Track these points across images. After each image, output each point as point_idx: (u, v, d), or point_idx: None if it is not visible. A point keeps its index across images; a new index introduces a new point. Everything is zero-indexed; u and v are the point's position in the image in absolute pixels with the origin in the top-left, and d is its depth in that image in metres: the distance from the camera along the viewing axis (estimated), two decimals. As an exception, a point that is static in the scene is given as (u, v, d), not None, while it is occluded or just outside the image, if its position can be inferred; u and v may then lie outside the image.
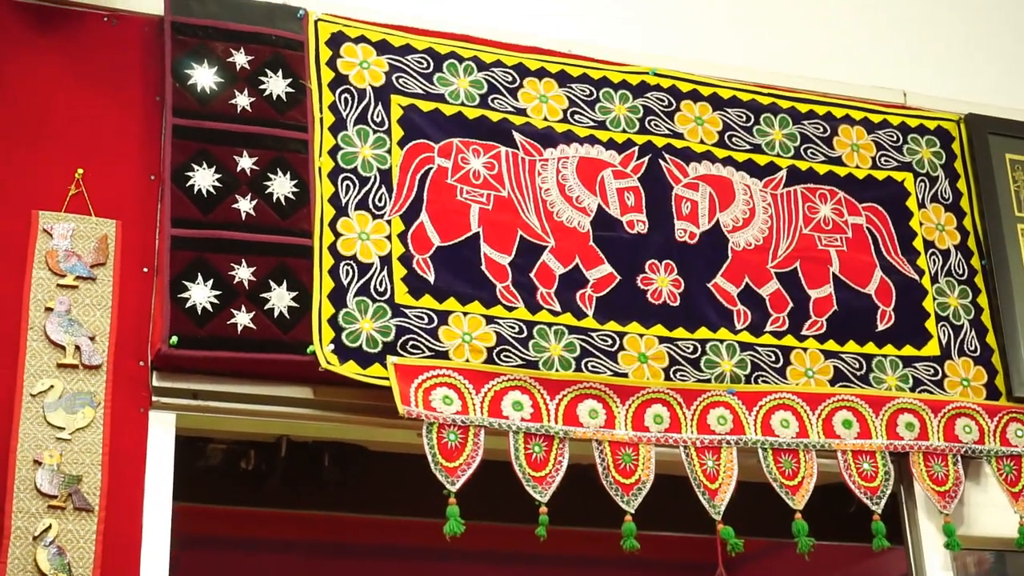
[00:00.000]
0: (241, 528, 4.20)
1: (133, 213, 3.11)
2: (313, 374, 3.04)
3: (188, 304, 2.99)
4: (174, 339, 2.94)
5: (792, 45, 3.97)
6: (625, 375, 3.26)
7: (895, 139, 3.83)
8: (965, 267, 3.75)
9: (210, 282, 3.02)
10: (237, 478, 3.65)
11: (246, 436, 3.60)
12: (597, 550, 4.32)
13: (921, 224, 3.75)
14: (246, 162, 3.16)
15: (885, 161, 3.79)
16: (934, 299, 3.67)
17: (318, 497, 3.75)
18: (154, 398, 2.98)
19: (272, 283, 3.07)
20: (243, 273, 3.06)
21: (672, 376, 3.30)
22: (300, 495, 3.73)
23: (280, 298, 3.06)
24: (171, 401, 3.00)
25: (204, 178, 3.12)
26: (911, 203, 3.77)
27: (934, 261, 3.72)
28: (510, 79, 3.50)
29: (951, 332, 3.64)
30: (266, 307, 3.04)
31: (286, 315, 3.05)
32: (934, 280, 3.69)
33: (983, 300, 3.73)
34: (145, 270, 3.07)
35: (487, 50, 3.51)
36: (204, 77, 3.21)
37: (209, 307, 3.00)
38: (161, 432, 2.98)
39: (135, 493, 2.90)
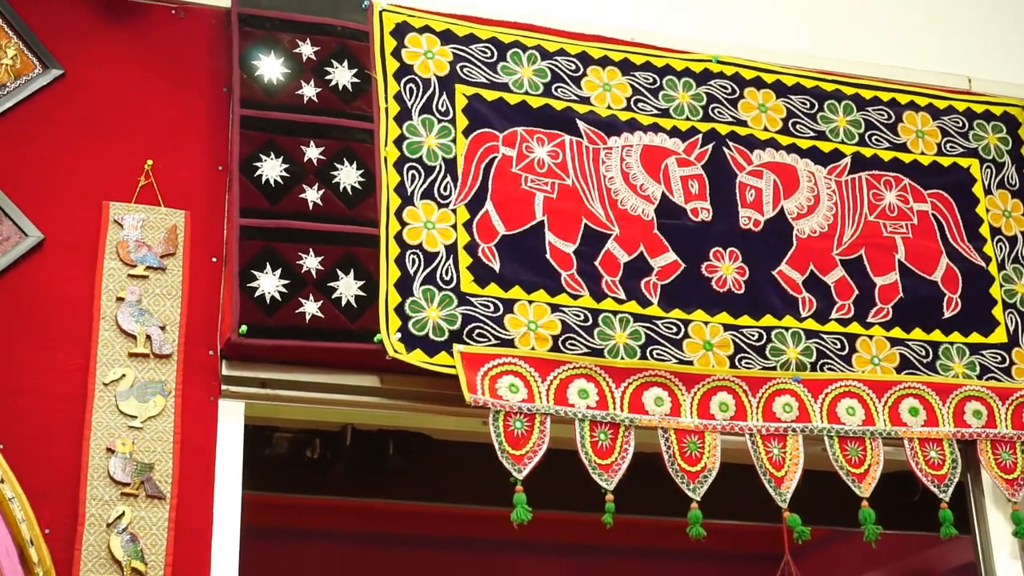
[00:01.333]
0: (306, 518, 4.22)
1: (202, 204, 3.13)
2: (380, 362, 3.05)
3: (257, 293, 3.00)
4: (244, 328, 2.96)
5: (855, 31, 3.94)
6: (690, 363, 3.25)
7: (960, 125, 3.80)
8: (1033, 253, 3.71)
9: (278, 271, 3.03)
10: (303, 466, 3.65)
11: (312, 425, 3.60)
12: (663, 540, 4.32)
13: (987, 211, 3.71)
14: (313, 152, 3.18)
15: (950, 147, 3.76)
16: (1001, 286, 3.63)
17: (382, 485, 3.75)
18: (223, 387, 3.00)
19: (339, 272, 3.08)
20: (311, 262, 3.07)
21: (737, 364, 3.29)
22: (364, 484, 3.72)
23: (347, 287, 3.07)
24: (240, 390, 3.02)
25: (272, 168, 3.13)
26: (977, 189, 3.73)
27: (1001, 248, 3.68)
28: (573, 68, 3.49)
29: (1019, 319, 3.61)
30: (333, 296, 3.05)
31: (353, 304, 3.06)
32: (1001, 267, 3.66)
33: (1051, 286, 3.69)
34: (214, 260, 3.08)
35: (550, 39, 3.50)
36: (271, 68, 3.23)
37: (278, 296, 3.01)
38: (231, 420, 3.00)
39: (206, 481, 2.92)
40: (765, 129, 3.60)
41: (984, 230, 3.69)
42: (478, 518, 4.15)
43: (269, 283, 3.02)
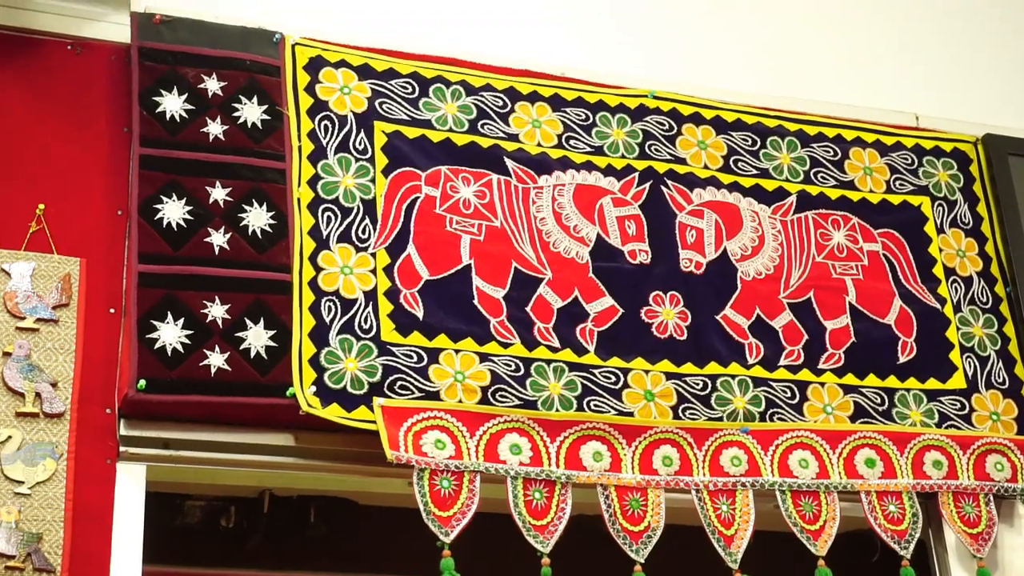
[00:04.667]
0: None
1: (99, 250, 2.96)
2: (294, 419, 2.87)
3: (157, 345, 2.82)
4: (142, 383, 2.78)
5: (796, 66, 3.84)
6: (631, 414, 3.08)
7: (909, 162, 3.69)
8: (989, 295, 3.59)
9: (181, 321, 2.86)
10: (217, 536, 3.46)
11: (226, 491, 3.43)
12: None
13: (941, 250, 3.60)
14: (219, 193, 3.02)
15: (900, 185, 3.65)
16: (958, 329, 3.50)
17: (304, 556, 3.59)
18: (122, 448, 2.82)
19: (248, 321, 2.91)
20: (217, 311, 2.90)
21: (681, 415, 3.13)
22: (285, 554, 3.56)
23: (257, 337, 2.90)
24: (140, 451, 2.83)
25: (174, 211, 2.97)
26: (929, 228, 3.62)
27: (956, 289, 3.55)
28: (501, 103, 3.36)
29: (977, 363, 3.47)
30: (242, 347, 2.88)
31: (263, 356, 2.89)
32: (957, 309, 3.53)
33: (1009, 329, 3.56)
34: (112, 311, 2.91)
35: (476, 74, 3.38)
36: (174, 104, 3.08)
37: (180, 348, 2.83)
38: (130, 485, 2.81)
39: (102, 552, 2.73)
40: (705, 167, 3.47)
41: (938, 270, 3.57)
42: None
43: (170, 334, 2.84)
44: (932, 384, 3.39)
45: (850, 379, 3.31)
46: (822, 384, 3.29)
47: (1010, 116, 3.85)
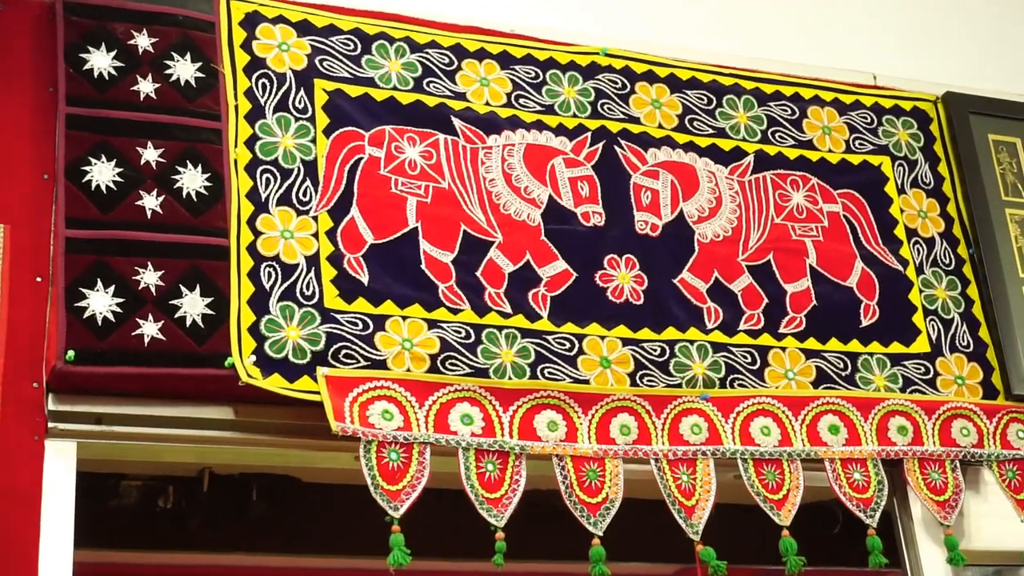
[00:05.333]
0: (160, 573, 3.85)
1: (24, 216, 2.81)
2: (233, 391, 2.74)
3: (87, 314, 2.68)
4: (70, 354, 2.63)
5: (752, 24, 3.75)
6: (586, 382, 2.97)
7: (869, 121, 3.60)
8: (952, 256, 3.51)
9: (111, 288, 2.72)
10: (155, 518, 3.32)
11: (163, 470, 3.28)
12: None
13: (902, 211, 3.51)
14: (151, 154, 2.88)
15: (860, 144, 3.55)
16: (920, 291, 3.41)
17: (246, 536, 3.45)
18: (50, 424, 2.67)
19: (183, 288, 2.77)
20: (149, 278, 2.75)
21: (639, 382, 3.02)
22: (225, 535, 3.42)
23: (193, 305, 2.76)
24: (70, 427, 2.69)
25: (103, 173, 2.82)
26: (890, 189, 3.53)
27: (918, 251, 3.47)
28: (447, 61, 3.23)
29: (941, 327, 3.38)
30: (176, 315, 2.74)
31: (200, 324, 2.75)
32: (919, 271, 3.44)
33: (973, 291, 3.48)
34: (39, 279, 2.76)
35: (420, 30, 3.25)
36: (101, 62, 2.93)
37: (111, 316, 2.69)
38: (59, 464, 2.66)
39: (29, 536, 2.58)
40: (660, 126, 3.37)
41: (899, 232, 3.49)
42: (355, 571, 3.78)
43: (100, 302, 2.70)
44: (896, 348, 3.30)
45: (812, 343, 3.22)
46: (783, 349, 3.19)
47: (971, 74, 3.77)
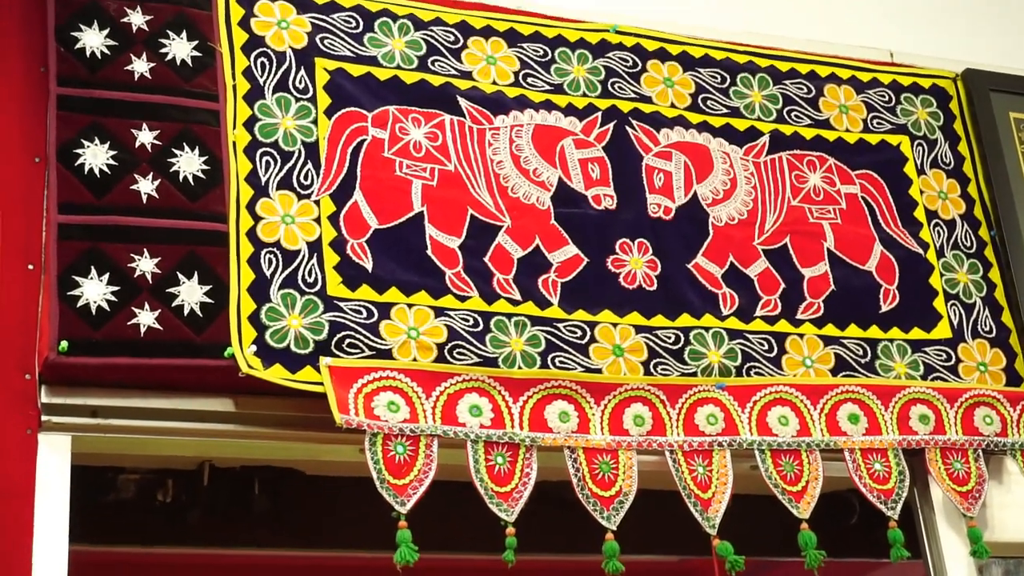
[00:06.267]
0: (158, 574, 3.77)
1: (15, 202, 2.72)
2: (233, 382, 2.65)
3: (80, 303, 2.59)
4: (64, 344, 2.54)
5: (765, 0, 3.64)
6: (598, 371, 2.88)
7: (887, 99, 3.50)
8: (973, 239, 3.41)
9: (106, 276, 2.63)
10: (153, 512, 3.27)
11: (162, 463, 3.23)
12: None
13: (922, 192, 3.42)
14: (146, 136, 2.79)
15: (878, 124, 3.46)
16: (941, 275, 3.33)
17: (247, 532, 3.39)
18: (44, 417, 2.59)
19: (181, 276, 2.68)
20: (145, 265, 2.67)
21: (652, 370, 2.93)
22: (226, 530, 3.37)
23: (191, 293, 2.67)
24: (65, 420, 2.60)
25: (96, 156, 2.73)
26: (909, 169, 3.43)
27: (938, 233, 3.38)
28: (452, 39, 3.14)
29: (962, 312, 3.29)
30: (174, 304, 2.65)
31: (198, 313, 2.66)
32: (940, 254, 3.35)
33: (995, 275, 3.39)
34: (31, 267, 2.67)
35: (424, 7, 3.16)
36: (94, 40, 2.83)
37: (105, 305, 2.60)
38: (53, 458, 2.58)
39: (23, 531, 2.51)
40: (672, 106, 3.27)
41: (919, 214, 3.39)
42: (361, 568, 3.70)
43: (94, 290, 2.61)
44: (916, 334, 3.21)
45: (830, 330, 3.13)
46: (801, 336, 3.10)
47: (991, 51, 3.67)
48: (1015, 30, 3.85)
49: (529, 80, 3.16)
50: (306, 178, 2.84)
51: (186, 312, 2.65)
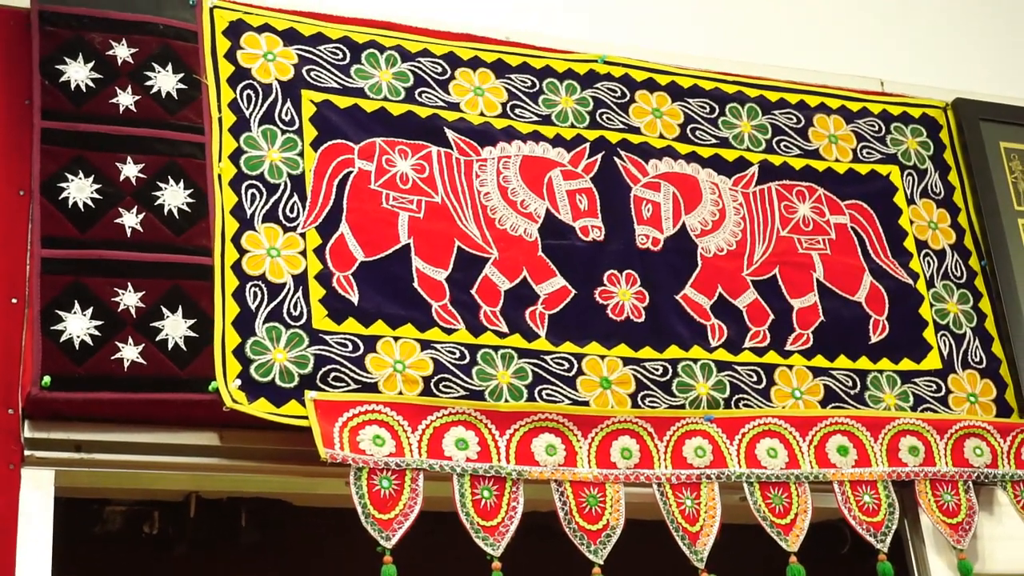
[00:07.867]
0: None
1: None
2: (218, 416, 2.65)
3: (64, 337, 2.59)
4: (46, 379, 2.54)
5: (755, 29, 3.67)
6: (586, 403, 2.88)
7: (876, 129, 3.51)
8: (963, 268, 3.42)
9: (89, 311, 2.63)
10: (139, 545, 3.26)
11: (148, 495, 3.22)
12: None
13: (912, 222, 3.42)
14: (131, 170, 2.79)
15: (867, 153, 3.46)
16: (931, 305, 3.32)
17: (235, 564, 3.39)
18: (27, 452, 2.58)
19: (165, 310, 2.69)
20: (129, 299, 2.67)
21: (640, 403, 2.93)
22: (213, 562, 3.36)
23: (175, 327, 2.67)
24: (48, 455, 2.60)
25: (81, 189, 2.74)
26: (899, 199, 3.44)
27: (928, 263, 3.38)
28: (439, 70, 3.14)
29: (952, 342, 3.29)
30: (158, 338, 2.66)
31: (182, 347, 2.66)
32: (930, 284, 3.35)
33: (985, 305, 3.39)
34: (14, 300, 2.67)
35: (412, 38, 3.16)
36: (79, 73, 2.84)
37: (89, 340, 2.60)
38: (36, 493, 2.58)
39: (5, 567, 2.49)
40: (661, 136, 3.28)
41: (909, 244, 3.40)
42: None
43: (78, 325, 2.61)
44: (906, 365, 3.21)
45: (819, 361, 3.13)
46: (790, 367, 3.10)
47: (981, 80, 3.69)
48: (1005, 60, 3.87)
49: (517, 111, 3.16)
50: (292, 211, 2.84)
51: (170, 346, 2.65)
